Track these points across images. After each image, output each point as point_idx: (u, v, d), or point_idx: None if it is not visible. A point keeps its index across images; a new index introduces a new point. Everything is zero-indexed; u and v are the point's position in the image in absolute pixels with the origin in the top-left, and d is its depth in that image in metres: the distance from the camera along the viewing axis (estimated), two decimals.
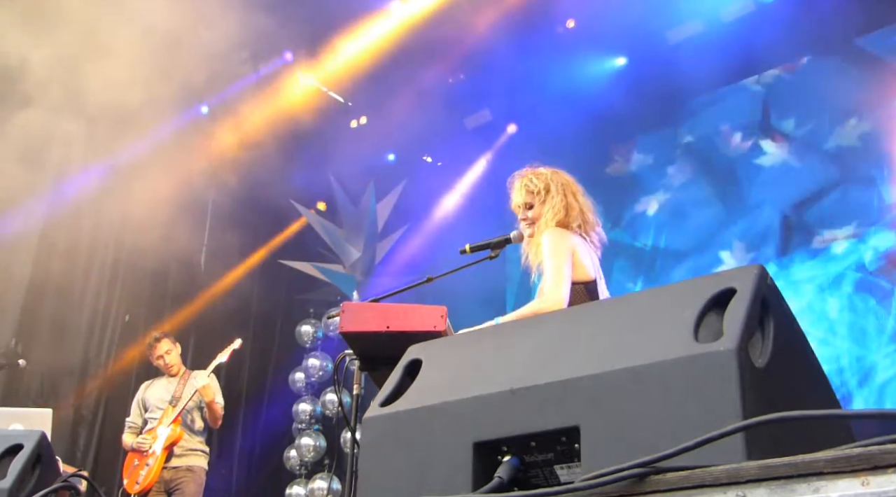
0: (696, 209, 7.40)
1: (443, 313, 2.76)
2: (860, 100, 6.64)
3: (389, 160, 9.21)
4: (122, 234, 7.49)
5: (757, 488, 0.98)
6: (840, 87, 6.71)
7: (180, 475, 5.53)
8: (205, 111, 8.31)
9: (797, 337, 1.33)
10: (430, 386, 1.43)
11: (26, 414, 5.03)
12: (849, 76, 6.71)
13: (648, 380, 1.16)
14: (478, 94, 8.19)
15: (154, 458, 5.46)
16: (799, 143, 6.98)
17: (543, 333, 1.41)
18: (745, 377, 1.09)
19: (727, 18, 6.99)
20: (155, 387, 5.85)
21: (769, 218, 6.93)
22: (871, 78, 6.60)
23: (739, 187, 7.22)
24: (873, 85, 6.57)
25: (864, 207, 6.44)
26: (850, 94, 6.65)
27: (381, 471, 1.38)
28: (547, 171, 3.42)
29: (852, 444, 0.98)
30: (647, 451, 1.08)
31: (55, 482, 1.90)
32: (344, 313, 2.82)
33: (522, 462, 1.26)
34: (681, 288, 1.32)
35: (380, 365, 2.96)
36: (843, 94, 6.68)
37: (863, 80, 6.64)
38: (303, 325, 8.49)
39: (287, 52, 7.99)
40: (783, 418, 1.05)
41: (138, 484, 5.42)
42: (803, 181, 6.83)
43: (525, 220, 3.37)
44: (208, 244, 8.43)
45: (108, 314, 7.39)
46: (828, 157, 6.77)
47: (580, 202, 3.37)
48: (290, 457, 8.05)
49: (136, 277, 7.59)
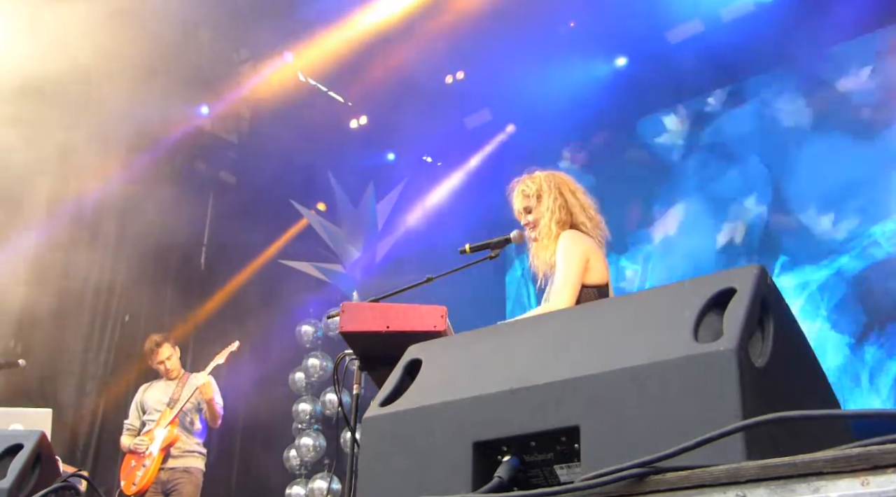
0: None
1: (443, 313, 2.76)
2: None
3: (389, 160, 9.21)
4: (122, 234, 7.50)
5: (757, 488, 0.98)
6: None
7: (177, 476, 5.54)
8: (205, 112, 8.32)
9: (797, 337, 1.33)
10: (430, 386, 1.43)
11: (26, 414, 5.02)
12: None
13: (648, 380, 1.15)
14: (478, 94, 8.19)
15: (151, 459, 5.46)
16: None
17: (543, 333, 1.41)
18: (744, 377, 1.09)
19: (727, 18, 6.99)
20: (153, 389, 5.86)
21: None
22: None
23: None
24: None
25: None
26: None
27: (381, 471, 1.38)
28: (541, 174, 3.42)
29: (852, 444, 0.98)
30: (646, 451, 1.08)
31: (55, 482, 1.90)
32: (344, 313, 2.82)
33: (522, 462, 1.26)
34: (680, 288, 1.32)
35: (380, 365, 2.97)
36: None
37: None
38: (303, 325, 8.48)
39: (287, 53, 7.99)
40: (783, 418, 1.05)
41: (135, 485, 5.43)
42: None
43: (527, 224, 3.38)
44: (208, 244, 8.44)
45: (108, 314, 7.39)
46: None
47: (580, 200, 3.37)
48: (290, 457, 8.05)
49: (136, 277, 7.59)
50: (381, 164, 9.09)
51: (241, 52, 8.21)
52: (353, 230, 8.62)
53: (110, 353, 7.31)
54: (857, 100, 6.74)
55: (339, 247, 8.60)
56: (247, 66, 8.23)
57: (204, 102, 8.26)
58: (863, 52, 6.77)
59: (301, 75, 8.30)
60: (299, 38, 7.71)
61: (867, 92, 6.70)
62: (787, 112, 7.11)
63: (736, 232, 7.12)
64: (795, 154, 6.94)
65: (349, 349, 3.02)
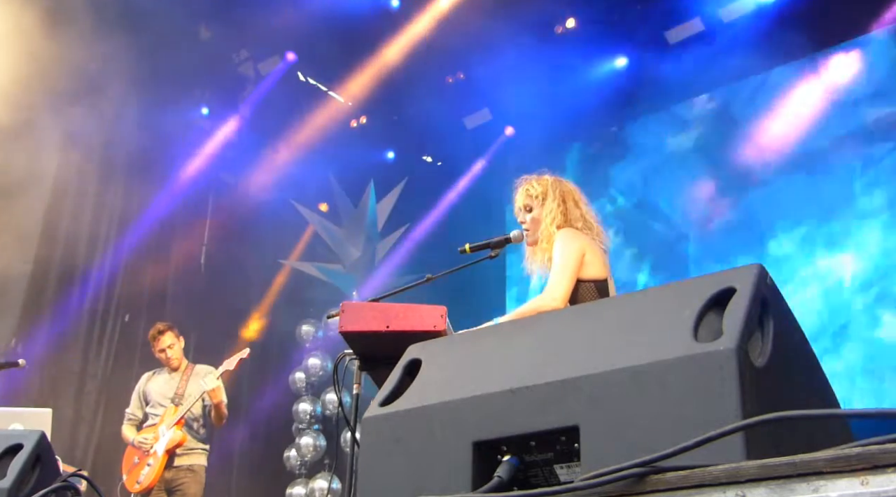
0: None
1: (443, 313, 2.76)
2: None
3: (389, 159, 9.21)
4: (122, 234, 7.50)
5: (756, 488, 0.98)
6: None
7: (181, 475, 5.52)
8: (205, 113, 8.32)
9: (797, 336, 1.32)
10: (430, 385, 1.43)
11: (26, 414, 5.02)
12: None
13: (648, 379, 1.15)
14: (478, 94, 8.19)
15: (155, 458, 5.44)
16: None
17: (543, 333, 1.41)
18: (744, 376, 1.09)
19: (727, 18, 6.99)
20: (157, 380, 5.80)
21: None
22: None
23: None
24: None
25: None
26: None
27: (380, 470, 1.38)
28: (549, 178, 3.42)
29: (852, 444, 0.98)
30: (646, 451, 1.08)
31: (55, 482, 1.90)
32: (344, 313, 2.82)
33: (522, 461, 1.26)
34: (680, 287, 1.32)
35: (380, 365, 2.96)
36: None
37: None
38: (303, 325, 8.48)
39: (288, 53, 7.99)
40: (783, 418, 1.05)
41: (139, 483, 5.41)
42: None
43: (524, 223, 3.38)
44: (208, 243, 8.44)
45: (107, 314, 7.39)
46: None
47: (582, 210, 3.38)
48: (290, 457, 8.05)
49: (136, 277, 7.59)
50: (381, 163, 9.09)
51: (240, 52, 8.22)
52: (353, 230, 8.62)
53: (110, 353, 7.31)
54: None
55: (339, 247, 8.60)
56: (247, 65, 8.24)
57: (204, 102, 8.27)
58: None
59: (301, 75, 8.31)
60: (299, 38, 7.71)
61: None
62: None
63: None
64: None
65: (349, 349, 3.02)
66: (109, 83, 6.73)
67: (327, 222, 8.72)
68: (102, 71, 6.62)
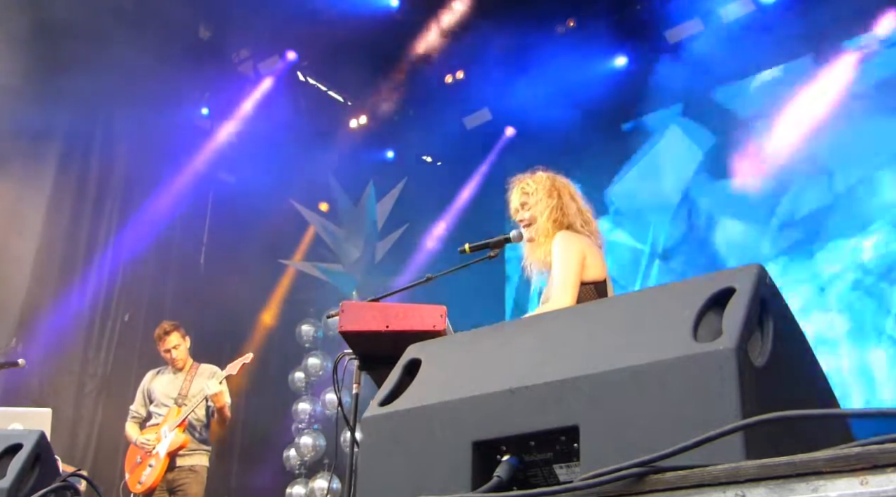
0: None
1: (442, 313, 2.75)
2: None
3: (389, 159, 9.21)
4: (122, 234, 7.49)
5: (756, 488, 0.98)
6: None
7: (183, 475, 5.51)
8: (205, 113, 8.32)
9: (796, 336, 1.32)
10: (430, 385, 1.43)
11: (26, 414, 5.01)
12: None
13: (647, 379, 1.15)
14: (478, 94, 8.19)
15: (157, 459, 5.43)
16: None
17: (543, 333, 1.41)
18: (744, 376, 1.09)
19: (727, 18, 6.99)
20: (161, 379, 5.79)
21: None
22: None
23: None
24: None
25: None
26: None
27: (380, 470, 1.38)
28: (543, 174, 3.41)
29: (851, 444, 0.97)
30: (646, 451, 1.07)
31: (54, 482, 1.90)
32: (344, 313, 2.82)
33: (521, 461, 1.25)
34: (680, 287, 1.32)
35: (379, 364, 2.96)
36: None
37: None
38: (303, 325, 8.48)
39: (288, 52, 7.99)
40: (782, 417, 1.05)
41: (141, 484, 5.40)
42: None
43: (521, 221, 3.37)
44: (208, 243, 8.43)
45: (107, 314, 7.39)
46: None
47: (578, 204, 3.37)
48: (290, 457, 8.05)
49: (136, 277, 7.59)
50: (381, 163, 9.09)
51: (240, 52, 8.22)
52: (353, 230, 8.62)
53: (110, 353, 7.31)
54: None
55: (339, 246, 8.60)
56: (247, 65, 8.24)
57: (204, 102, 8.27)
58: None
59: (301, 75, 8.31)
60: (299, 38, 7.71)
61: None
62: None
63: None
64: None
65: (349, 349, 3.01)
66: (109, 83, 6.72)
67: (327, 222, 8.72)
68: (102, 71, 6.61)
